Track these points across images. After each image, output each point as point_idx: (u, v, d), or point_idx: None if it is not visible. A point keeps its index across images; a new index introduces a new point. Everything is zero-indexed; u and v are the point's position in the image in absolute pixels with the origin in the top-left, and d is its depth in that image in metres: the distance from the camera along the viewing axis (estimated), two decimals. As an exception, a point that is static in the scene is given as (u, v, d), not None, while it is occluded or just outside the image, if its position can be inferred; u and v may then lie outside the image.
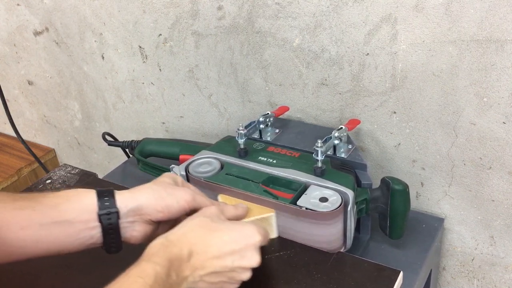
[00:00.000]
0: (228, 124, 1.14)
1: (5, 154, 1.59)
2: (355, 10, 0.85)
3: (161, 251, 0.56)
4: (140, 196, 0.63)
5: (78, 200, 0.62)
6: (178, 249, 0.57)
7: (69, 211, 0.61)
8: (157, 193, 0.64)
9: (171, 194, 0.64)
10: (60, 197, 0.62)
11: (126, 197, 0.63)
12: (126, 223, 0.63)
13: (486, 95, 0.80)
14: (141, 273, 0.53)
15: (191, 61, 1.11)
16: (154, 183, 0.66)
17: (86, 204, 0.61)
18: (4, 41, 1.45)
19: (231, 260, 0.59)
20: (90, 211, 0.61)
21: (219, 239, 0.59)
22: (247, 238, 0.60)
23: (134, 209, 0.63)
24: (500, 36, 0.75)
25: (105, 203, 0.61)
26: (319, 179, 0.77)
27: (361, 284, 0.66)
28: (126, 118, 1.32)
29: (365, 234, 0.86)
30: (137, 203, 0.63)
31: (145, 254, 0.56)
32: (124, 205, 0.62)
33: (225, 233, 0.60)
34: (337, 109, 0.96)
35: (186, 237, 0.59)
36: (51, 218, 0.60)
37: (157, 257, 0.55)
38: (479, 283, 0.98)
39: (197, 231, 0.60)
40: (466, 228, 0.94)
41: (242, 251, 0.59)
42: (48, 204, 0.61)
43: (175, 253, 0.57)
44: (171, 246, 0.57)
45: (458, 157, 0.88)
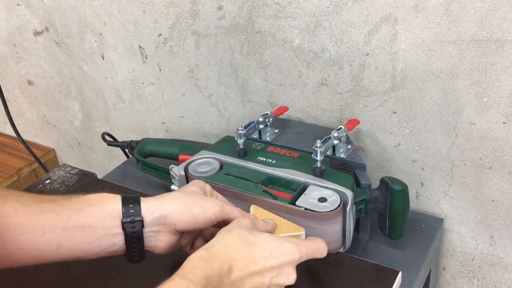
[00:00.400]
0: (228, 124, 1.14)
1: (5, 154, 1.59)
2: (355, 10, 0.85)
3: (199, 267, 0.54)
4: (166, 205, 0.62)
5: (102, 205, 0.60)
6: (219, 264, 0.55)
7: (92, 216, 0.59)
8: (184, 202, 0.62)
9: (198, 205, 0.62)
10: (84, 202, 0.61)
11: (151, 205, 0.61)
12: (150, 232, 0.61)
13: (486, 95, 0.80)
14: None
15: (191, 61, 1.10)
16: (181, 191, 0.65)
17: (110, 210, 0.60)
18: (4, 41, 1.45)
19: (270, 277, 0.58)
20: (114, 217, 0.60)
21: (260, 255, 0.58)
22: (287, 255, 0.59)
23: (160, 218, 0.61)
24: (500, 36, 0.75)
25: (130, 210, 0.60)
26: (318, 179, 0.77)
27: (360, 284, 0.66)
28: (126, 118, 1.32)
29: (364, 234, 0.86)
30: (163, 212, 0.61)
31: (182, 267, 0.54)
32: (150, 213, 0.61)
33: (266, 249, 0.58)
34: (337, 109, 0.96)
35: (227, 251, 0.57)
36: (74, 223, 0.58)
37: (193, 273, 0.53)
38: (479, 283, 0.98)
39: (238, 245, 0.58)
40: (466, 228, 0.94)
41: (280, 268, 0.58)
42: (72, 208, 0.60)
43: (215, 269, 0.54)
44: (212, 261, 0.55)
45: (458, 157, 0.88)
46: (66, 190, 0.90)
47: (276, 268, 0.58)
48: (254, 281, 0.57)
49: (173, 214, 0.61)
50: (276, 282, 0.58)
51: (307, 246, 0.61)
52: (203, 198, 0.64)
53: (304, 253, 0.60)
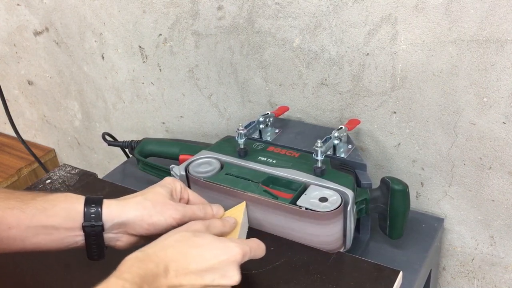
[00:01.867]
0: (228, 124, 1.14)
1: (5, 154, 1.59)
2: (355, 10, 0.85)
3: (134, 267, 0.55)
4: (127, 211, 0.63)
5: (65, 207, 0.63)
6: (154, 265, 0.55)
7: (55, 216, 0.62)
8: (145, 210, 0.64)
9: (160, 212, 0.64)
10: (48, 202, 0.63)
11: (113, 210, 0.63)
12: (110, 234, 0.64)
13: (486, 95, 0.80)
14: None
15: (191, 61, 1.11)
16: (146, 195, 0.66)
17: (73, 211, 0.62)
18: (4, 41, 1.45)
19: (211, 278, 0.57)
20: (75, 220, 0.62)
21: (199, 256, 0.58)
22: (228, 256, 0.58)
23: (120, 224, 0.63)
24: (500, 36, 0.75)
25: (91, 214, 0.62)
26: (319, 179, 0.77)
27: (361, 284, 0.66)
28: (126, 118, 1.32)
29: (365, 234, 0.86)
30: (123, 218, 0.63)
31: (118, 269, 0.55)
32: (110, 219, 0.63)
33: (206, 250, 0.58)
34: (337, 109, 0.96)
35: (165, 252, 0.57)
36: (38, 222, 0.61)
37: (129, 273, 0.53)
38: (479, 283, 0.98)
39: (177, 247, 0.58)
40: (466, 228, 0.94)
41: (222, 269, 0.58)
42: (37, 207, 0.62)
43: (150, 269, 0.55)
44: (146, 261, 0.56)
45: (458, 157, 0.88)
46: (66, 190, 0.90)
47: (218, 269, 0.57)
48: (194, 282, 0.57)
49: (133, 220, 0.63)
50: (219, 283, 0.57)
51: (250, 245, 0.61)
52: (165, 204, 0.65)
53: (247, 252, 0.60)
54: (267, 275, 0.69)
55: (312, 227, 0.73)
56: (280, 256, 0.72)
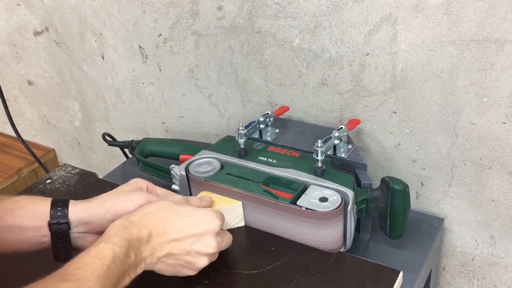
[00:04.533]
0: (228, 124, 1.14)
1: (5, 154, 1.59)
2: (355, 10, 0.85)
3: (120, 232, 0.57)
4: (91, 208, 0.65)
5: (32, 207, 0.64)
6: (137, 230, 0.58)
7: (22, 217, 0.63)
8: (108, 202, 0.65)
9: (123, 201, 0.65)
10: (16, 203, 0.64)
11: (78, 209, 0.64)
12: (77, 233, 0.65)
13: (486, 95, 0.80)
14: (99, 254, 0.54)
15: (191, 61, 1.11)
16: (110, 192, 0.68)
17: (39, 211, 0.64)
18: (4, 41, 1.45)
19: (189, 243, 0.60)
20: (42, 219, 0.63)
21: (179, 221, 0.61)
22: (207, 223, 0.62)
23: (86, 221, 0.64)
24: (500, 36, 0.75)
25: (58, 213, 0.63)
26: (319, 179, 0.77)
27: (361, 284, 0.66)
28: (126, 118, 1.32)
29: (365, 234, 0.86)
30: (88, 214, 0.64)
31: (104, 234, 0.58)
32: (76, 216, 0.64)
33: (185, 216, 0.62)
34: (337, 109, 0.96)
35: (146, 219, 0.60)
36: (4, 222, 0.62)
37: (116, 237, 0.57)
38: (479, 283, 0.98)
39: (158, 213, 0.61)
40: (466, 228, 0.94)
41: (200, 236, 0.61)
42: (4, 208, 0.63)
43: (135, 234, 0.58)
44: (131, 227, 0.58)
45: (458, 157, 0.88)
46: (67, 190, 0.90)
47: (196, 235, 0.61)
48: (173, 246, 0.60)
49: (97, 215, 0.65)
50: (196, 249, 0.61)
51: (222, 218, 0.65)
52: (129, 193, 0.67)
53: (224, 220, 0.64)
54: (267, 275, 0.69)
55: (312, 227, 0.73)
56: (280, 256, 0.72)
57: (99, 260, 0.53)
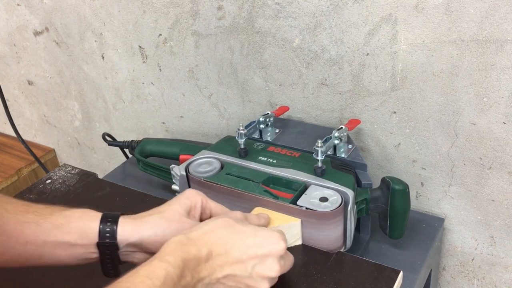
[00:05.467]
0: (228, 124, 1.14)
1: (5, 154, 1.59)
2: (355, 10, 0.85)
3: (177, 250, 0.54)
4: (142, 231, 0.62)
5: (81, 224, 0.62)
6: (196, 249, 0.55)
7: (71, 233, 0.61)
8: (159, 229, 0.62)
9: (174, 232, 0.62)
10: (65, 218, 0.62)
11: (127, 230, 0.62)
12: (125, 252, 0.63)
13: (486, 95, 0.80)
14: (150, 273, 0.52)
15: (191, 61, 1.11)
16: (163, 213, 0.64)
17: (88, 229, 0.62)
18: (4, 41, 1.45)
19: (252, 265, 0.57)
20: (91, 238, 0.61)
21: (242, 241, 0.57)
22: (271, 245, 0.58)
23: (135, 243, 0.62)
24: (500, 36, 0.75)
25: (106, 233, 0.61)
26: (319, 179, 0.77)
27: (361, 284, 0.66)
28: (126, 118, 1.32)
29: (365, 234, 0.86)
30: (137, 238, 0.62)
31: (160, 251, 0.55)
32: (125, 238, 0.62)
33: (249, 236, 0.58)
34: (337, 109, 0.96)
35: (207, 236, 0.57)
36: (54, 237, 0.61)
37: (171, 256, 0.54)
38: (479, 283, 0.98)
39: (220, 231, 0.58)
40: (466, 228, 0.94)
41: (264, 258, 0.57)
42: (53, 223, 0.62)
43: (192, 253, 0.55)
44: (189, 245, 0.55)
45: (458, 157, 0.88)
46: (67, 190, 0.90)
47: (260, 257, 0.57)
48: (235, 267, 0.56)
49: (148, 240, 0.62)
50: (258, 271, 0.57)
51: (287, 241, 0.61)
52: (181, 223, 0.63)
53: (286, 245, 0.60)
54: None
55: (312, 227, 0.73)
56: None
57: (150, 281, 0.50)
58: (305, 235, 0.74)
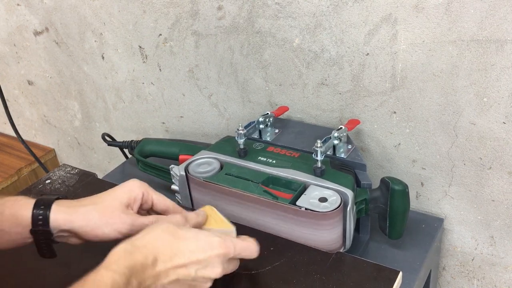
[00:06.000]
0: (228, 124, 1.14)
1: (5, 154, 1.59)
2: (355, 10, 0.85)
3: (122, 259, 0.55)
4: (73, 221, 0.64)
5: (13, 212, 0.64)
6: (143, 256, 0.57)
7: (5, 221, 0.63)
8: (90, 221, 0.64)
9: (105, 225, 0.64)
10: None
11: (59, 218, 0.64)
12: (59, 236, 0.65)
13: (486, 95, 0.80)
14: (98, 282, 0.52)
15: (191, 61, 1.11)
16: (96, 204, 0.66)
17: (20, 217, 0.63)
18: (4, 41, 1.45)
19: (195, 269, 0.59)
20: (24, 225, 0.63)
21: (185, 247, 0.59)
22: (213, 249, 0.60)
23: (67, 230, 0.64)
24: (500, 36, 0.75)
25: (39, 221, 0.63)
26: (319, 179, 0.77)
27: (360, 284, 0.66)
28: (126, 118, 1.32)
29: (365, 234, 0.86)
30: (70, 227, 0.64)
31: (106, 260, 0.56)
32: (57, 225, 0.63)
33: (191, 242, 0.60)
34: (337, 109, 0.96)
35: (152, 243, 0.59)
36: None
37: (117, 265, 0.55)
38: (479, 283, 0.98)
39: (164, 238, 0.60)
40: (466, 228, 0.94)
41: (206, 261, 0.59)
42: None
43: (139, 260, 0.56)
44: (135, 253, 0.57)
45: (458, 157, 0.88)
46: (66, 190, 0.90)
47: (202, 261, 0.59)
48: (179, 273, 0.58)
49: (79, 230, 0.64)
50: (202, 275, 0.60)
51: (235, 244, 0.62)
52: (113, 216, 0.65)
53: (231, 249, 0.61)
54: (267, 275, 0.69)
55: (312, 227, 0.73)
56: (280, 256, 0.72)
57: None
58: (304, 235, 0.74)
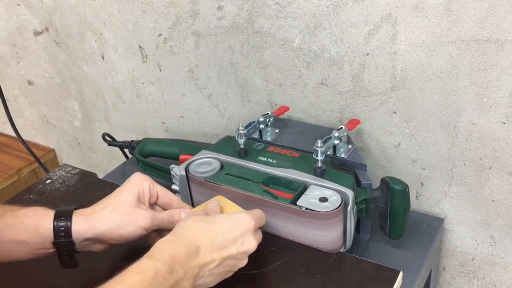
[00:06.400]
0: (228, 124, 1.14)
1: (5, 154, 1.59)
2: (355, 10, 0.85)
3: (165, 248, 0.57)
4: (96, 227, 0.64)
5: (34, 223, 0.63)
6: (185, 245, 0.58)
7: (25, 233, 0.63)
8: (113, 223, 0.65)
9: (128, 223, 0.65)
10: (17, 218, 0.64)
11: (82, 227, 0.64)
12: (81, 245, 0.65)
13: (486, 95, 0.80)
14: (141, 270, 0.54)
15: (191, 61, 1.11)
16: (114, 205, 0.66)
17: (42, 228, 0.63)
18: (4, 41, 1.45)
19: (235, 247, 0.61)
20: (45, 236, 0.63)
21: (220, 230, 0.61)
22: (244, 224, 0.63)
23: (90, 238, 0.64)
24: (500, 36, 0.75)
25: (61, 232, 0.63)
26: (319, 179, 0.77)
27: (361, 284, 0.66)
28: (126, 118, 1.32)
29: (365, 234, 0.86)
30: (92, 234, 0.64)
31: (150, 251, 0.57)
32: (80, 235, 0.64)
33: (224, 223, 0.62)
34: (337, 109, 0.96)
35: (191, 232, 0.61)
36: (9, 237, 0.62)
37: (160, 254, 0.56)
38: (479, 283, 0.98)
39: (199, 227, 0.62)
40: (466, 228, 0.94)
41: (242, 237, 0.62)
42: (6, 223, 0.63)
43: (182, 249, 0.58)
44: (177, 242, 0.59)
45: (458, 157, 0.88)
46: (66, 190, 0.90)
47: (239, 237, 0.62)
48: (223, 255, 0.61)
49: (103, 235, 0.65)
50: (241, 250, 0.62)
51: (256, 214, 0.67)
52: (133, 214, 0.66)
53: (257, 220, 0.66)
54: (267, 275, 0.69)
55: (312, 227, 0.73)
56: (280, 256, 0.72)
57: (140, 276, 0.53)
58: (305, 235, 0.74)
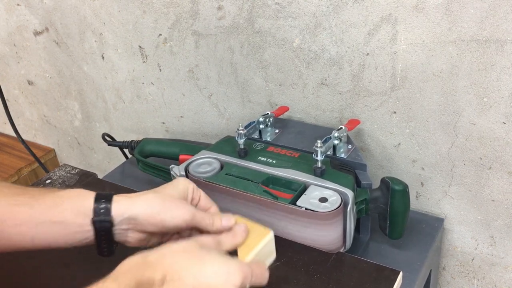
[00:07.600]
0: (228, 124, 1.14)
1: (5, 154, 1.59)
2: (355, 10, 0.85)
3: (132, 271, 0.54)
4: (136, 207, 0.63)
5: (76, 202, 0.62)
6: (151, 272, 0.54)
7: (65, 212, 0.61)
8: (154, 206, 0.63)
9: (169, 210, 0.63)
10: (58, 198, 0.62)
11: (122, 205, 0.63)
12: (120, 230, 0.63)
13: (486, 95, 0.80)
14: None
15: (191, 61, 1.11)
16: (157, 193, 0.65)
17: (83, 207, 0.62)
18: (4, 41, 1.45)
19: None
20: (85, 215, 0.61)
21: (197, 269, 0.55)
22: (228, 276, 0.55)
23: (129, 219, 0.62)
24: (500, 36, 0.75)
25: (101, 210, 0.61)
26: (319, 179, 0.77)
27: (361, 284, 0.66)
28: (126, 118, 1.32)
29: (365, 234, 0.86)
30: (132, 213, 0.62)
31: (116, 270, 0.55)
32: (119, 213, 0.62)
33: (207, 265, 0.56)
34: (337, 109, 0.96)
35: (164, 260, 0.56)
36: (48, 218, 0.61)
37: (125, 277, 0.53)
38: (479, 283, 0.98)
39: (178, 256, 0.56)
40: (466, 228, 0.94)
41: None
42: (46, 203, 0.62)
43: (147, 276, 0.54)
44: (145, 267, 0.55)
45: (458, 157, 0.88)
46: (66, 190, 0.90)
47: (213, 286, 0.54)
48: None
49: (142, 216, 0.62)
50: None
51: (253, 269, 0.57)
52: (176, 203, 0.64)
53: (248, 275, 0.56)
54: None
55: (312, 227, 0.73)
56: (280, 256, 0.71)
57: None
58: (305, 235, 0.74)
